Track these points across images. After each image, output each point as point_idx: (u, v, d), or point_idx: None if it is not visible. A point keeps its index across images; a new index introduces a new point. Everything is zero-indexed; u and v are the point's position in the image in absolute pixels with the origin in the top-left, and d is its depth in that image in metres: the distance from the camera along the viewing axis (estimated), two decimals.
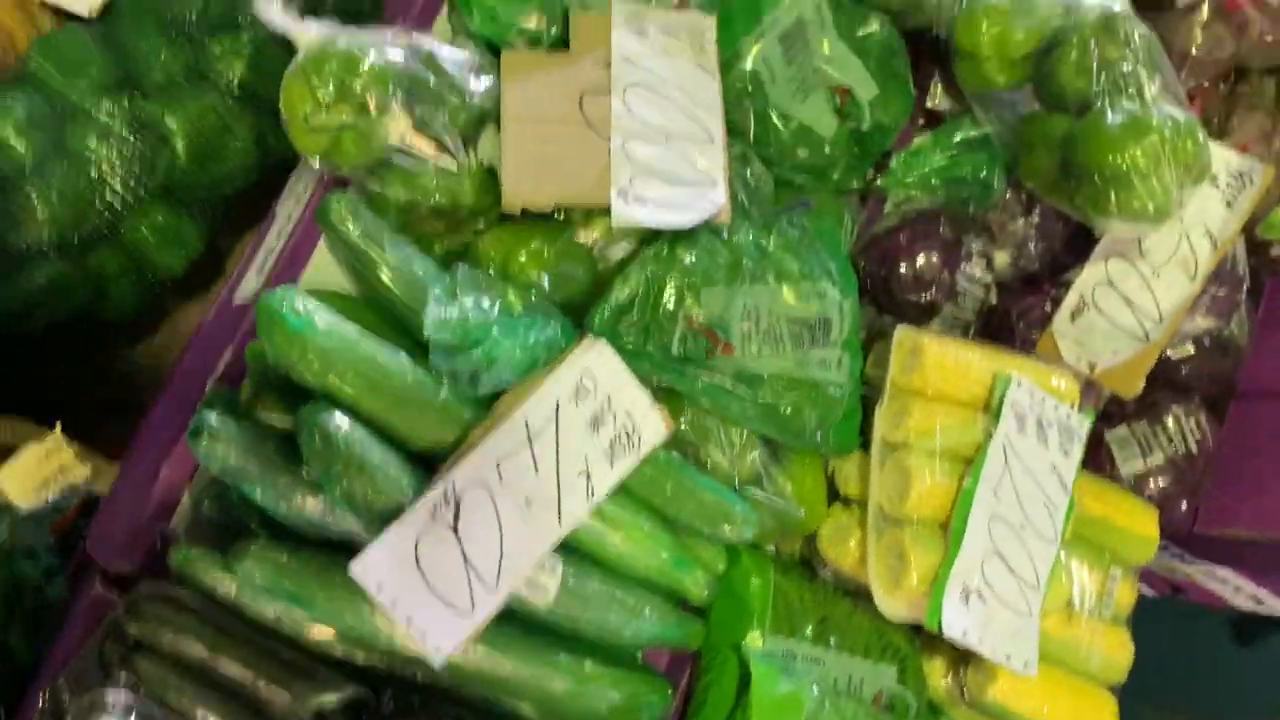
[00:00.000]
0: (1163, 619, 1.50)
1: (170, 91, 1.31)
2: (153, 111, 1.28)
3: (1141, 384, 1.23)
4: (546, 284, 1.01)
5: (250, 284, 1.08)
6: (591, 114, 1.03)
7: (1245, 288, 1.29)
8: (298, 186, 1.11)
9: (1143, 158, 1.08)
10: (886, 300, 1.23)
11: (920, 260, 1.21)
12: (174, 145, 1.30)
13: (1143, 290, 1.21)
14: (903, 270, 1.22)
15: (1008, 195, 1.27)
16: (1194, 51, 1.32)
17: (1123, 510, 1.25)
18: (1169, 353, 1.31)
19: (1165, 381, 1.40)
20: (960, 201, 1.28)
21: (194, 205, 1.35)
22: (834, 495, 1.17)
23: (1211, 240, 1.20)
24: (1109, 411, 1.38)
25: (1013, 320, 1.29)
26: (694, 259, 1.04)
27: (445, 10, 1.09)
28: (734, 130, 1.17)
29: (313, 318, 0.89)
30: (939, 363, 1.10)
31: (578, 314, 1.03)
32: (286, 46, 0.96)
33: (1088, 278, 1.23)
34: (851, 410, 1.12)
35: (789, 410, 1.07)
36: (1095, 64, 1.13)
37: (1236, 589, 1.43)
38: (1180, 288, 1.21)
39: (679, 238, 1.04)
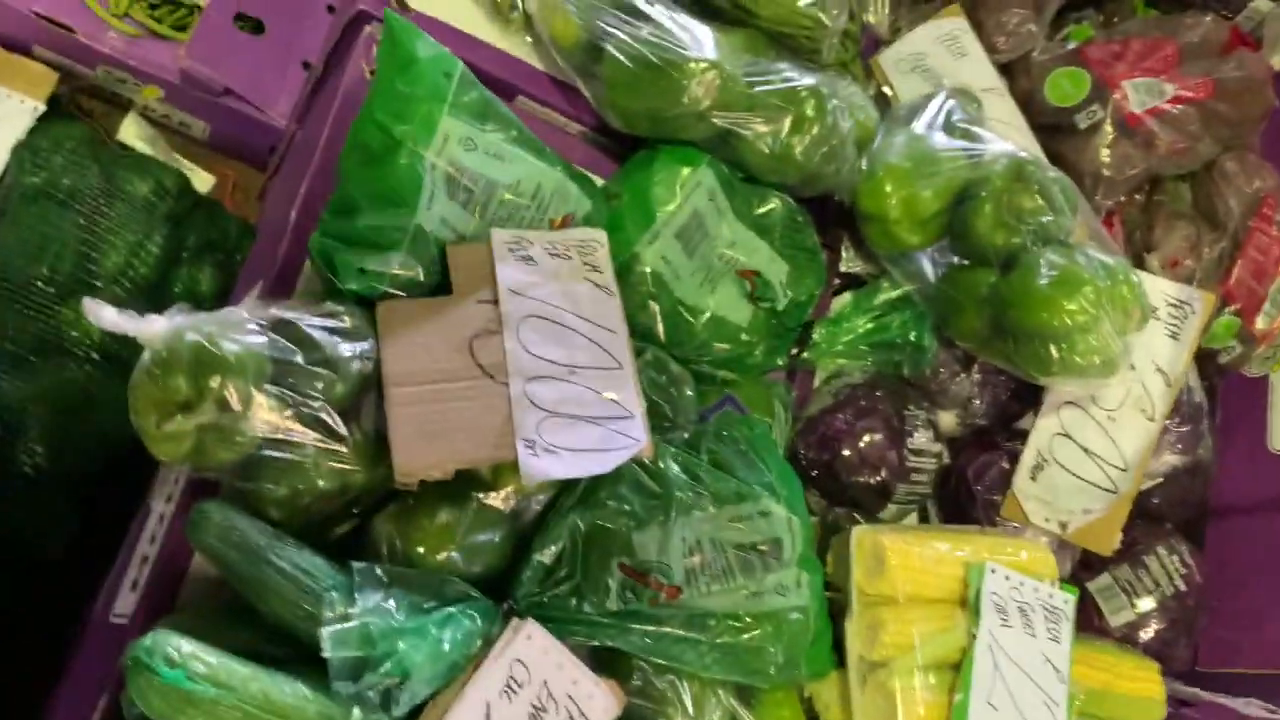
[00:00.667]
0: None
1: (22, 366, 1.19)
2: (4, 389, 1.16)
3: (1118, 539, 1.15)
4: (459, 561, 0.89)
5: (124, 601, 0.95)
6: (484, 359, 0.93)
7: (1207, 413, 1.22)
8: (169, 479, 0.99)
9: (1081, 313, 1.01)
10: (834, 488, 1.14)
11: (864, 441, 1.12)
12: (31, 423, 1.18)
13: (1102, 438, 1.13)
14: (846, 455, 1.12)
15: (941, 354, 1.19)
16: (1104, 173, 1.27)
17: (1123, 675, 1.15)
18: (1166, 464, 1.22)
19: (1137, 515, 1.32)
20: (893, 366, 1.20)
21: (63, 485, 1.22)
22: None
23: (1164, 376, 1.13)
24: (1087, 560, 1.29)
25: (970, 483, 1.20)
26: (620, 501, 0.93)
27: (308, 268, 0.99)
28: (644, 335, 1.09)
29: (190, 665, 0.76)
30: (905, 564, 1.00)
31: (500, 583, 0.91)
32: None
33: (1042, 431, 1.15)
34: (821, 631, 1.01)
35: (751, 648, 0.95)
36: (1012, 216, 1.07)
37: (1247, 702, 1.33)
38: (1141, 431, 1.13)
39: (599, 479, 0.94)
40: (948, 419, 1.21)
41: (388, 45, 0.97)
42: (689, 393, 1.08)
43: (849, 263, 1.21)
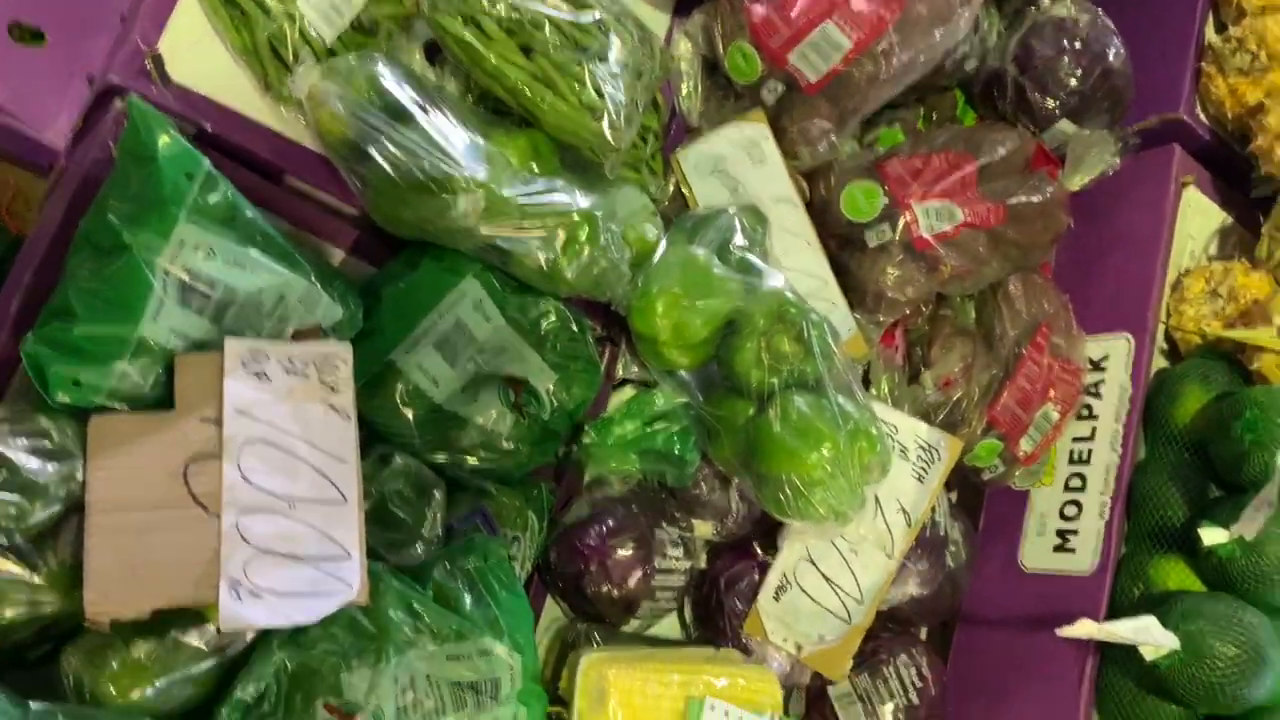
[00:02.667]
0: None
1: None
2: None
3: (848, 666, 1.19)
4: (152, 700, 0.87)
5: None
6: (199, 487, 0.90)
7: (951, 548, 1.27)
8: None
9: (817, 468, 1.03)
10: (579, 600, 1.15)
11: (612, 558, 1.13)
12: None
13: (843, 570, 1.16)
14: (594, 570, 1.13)
15: (704, 466, 1.20)
16: (887, 293, 1.29)
17: None
18: (904, 594, 1.26)
19: (888, 619, 1.37)
20: (658, 476, 1.20)
21: None
22: None
23: (906, 516, 1.16)
24: None
25: (721, 591, 1.23)
26: (331, 641, 0.92)
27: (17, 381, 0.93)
28: (399, 441, 1.07)
29: None
30: (627, 701, 1.02)
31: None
32: None
33: (788, 555, 1.18)
34: None
35: None
36: (770, 357, 1.07)
37: None
38: (878, 567, 1.16)
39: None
40: (704, 528, 1.23)
41: (131, 134, 0.92)
42: (436, 504, 1.07)
43: (626, 369, 1.20)
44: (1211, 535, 1.16)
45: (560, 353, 1.13)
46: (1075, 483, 1.37)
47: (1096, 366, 1.41)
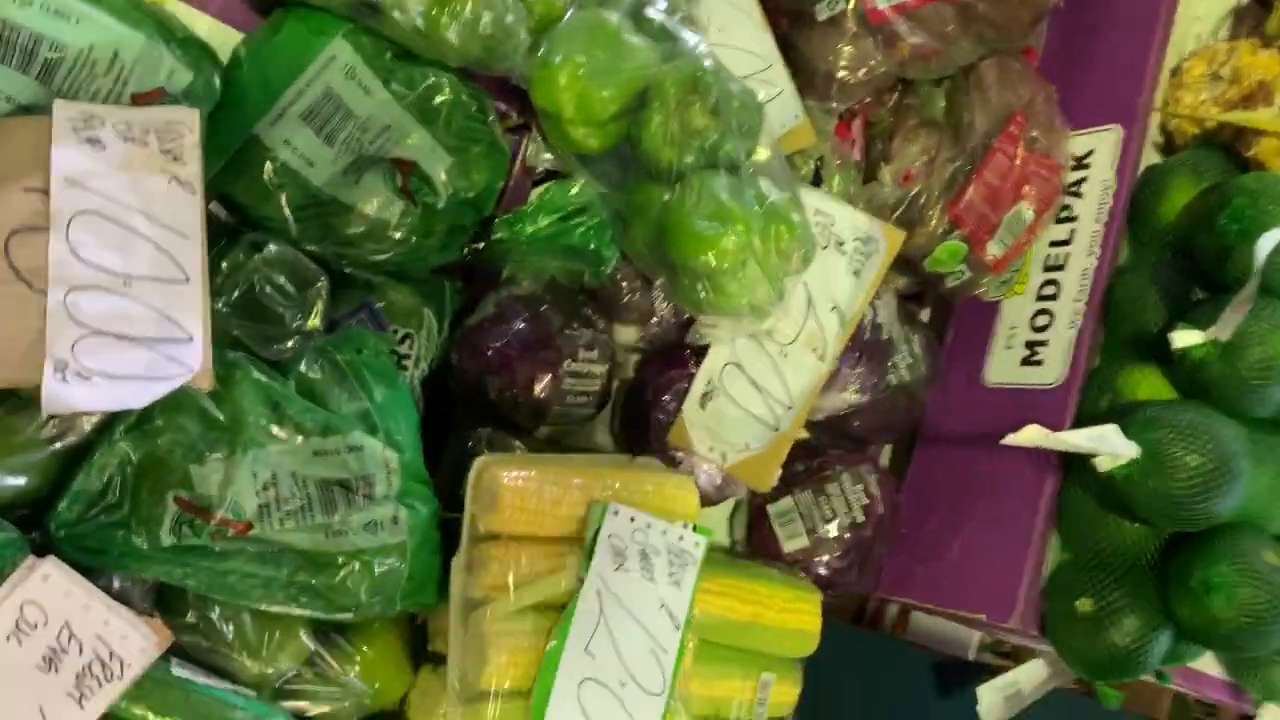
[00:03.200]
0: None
1: None
2: None
3: (775, 477, 1.10)
4: None
5: None
6: (23, 261, 0.81)
7: (905, 359, 1.16)
8: None
9: (728, 256, 0.92)
10: (484, 405, 1.06)
11: (518, 358, 1.04)
12: None
13: (771, 373, 1.07)
14: (498, 371, 1.04)
15: (623, 265, 1.09)
16: (839, 73, 1.15)
17: (773, 606, 1.13)
18: (842, 401, 1.16)
19: (840, 437, 1.28)
20: (575, 275, 1.10)
21: None
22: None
23: (839, 315, 1.05)
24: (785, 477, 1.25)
25: (648, 401, 1.14)
26: (177, 430, 0.85)
27: None
28: (275, 229, 0.97)
29: None
30: (520, 502, 0.94)
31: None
32: None
33: (714, 359, 1.08)
34: (422, 567, 0.95)
35: (332, 586, 0.90)
36: (682, 132, 0.96)
37: None
38: (809, 370, 1.06)
39: (157, 404, 0.85)
40: (628, 333, 1.13)
41: None
42: (316, 297, 0.98)
43: (536, 156, 1.09)
44: (1185, 337, 1.04)
45: (456, 133, 1.02)
46: (1049, 290, 1.25)
47: (1080, 163, 1.27)
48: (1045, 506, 1.16)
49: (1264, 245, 0.99)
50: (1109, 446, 1.01)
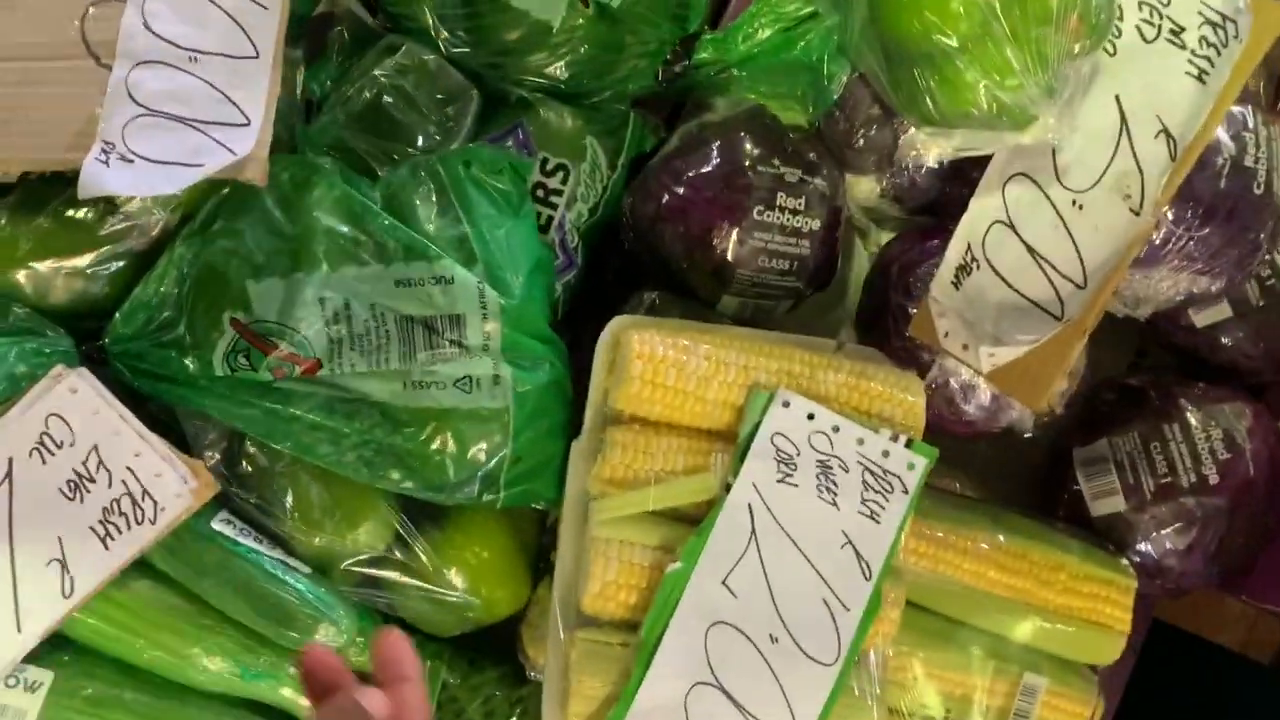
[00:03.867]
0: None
1: None
2: None
3: (1053, 392, 0.76)
4: (24, 287, 0.71)
5: None
6: (95, 34, 0.71)
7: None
8: None
9: (957, 20, 0.61)
10: (658, 265, 0.83)
11: (694, 202, 0.79)
12: None
13: (1056, 235, 0.72)
14: (669, 220, 0.80)
15: (856, 89, 0.81)
16: None
17: (1056, 584, 0.79)
18: (1177, 287, 0.78)
19: (1194, 360, 0.89)
20: (794, 105, 0.84)
21: None
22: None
23: (1170, 144, 0.68)
24: (1095, 413, 0.89)
25: (890, 282, 0.84)
26: (235, 237, 0.71)
27: None
28: (418, 34, 0.82)
29: None
30: (656, 376, 0.70)
31: None
32: None
33: (977, 216, 0.76)
34: (536, 447, 0.74)
35: (413, 453, 0.72)
36: None
37: None
38: (1117, 228, 0.70)
39: (222, 205, 0.72)
40: (865, 186, 0.84)
41: None
42: (460, 113, 0.81)
43: None
44: None
45: None
46: None
47: None
48: None
49: None
50: None
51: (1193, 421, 0.83)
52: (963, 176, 0.79)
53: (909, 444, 0.71)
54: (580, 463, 0.74)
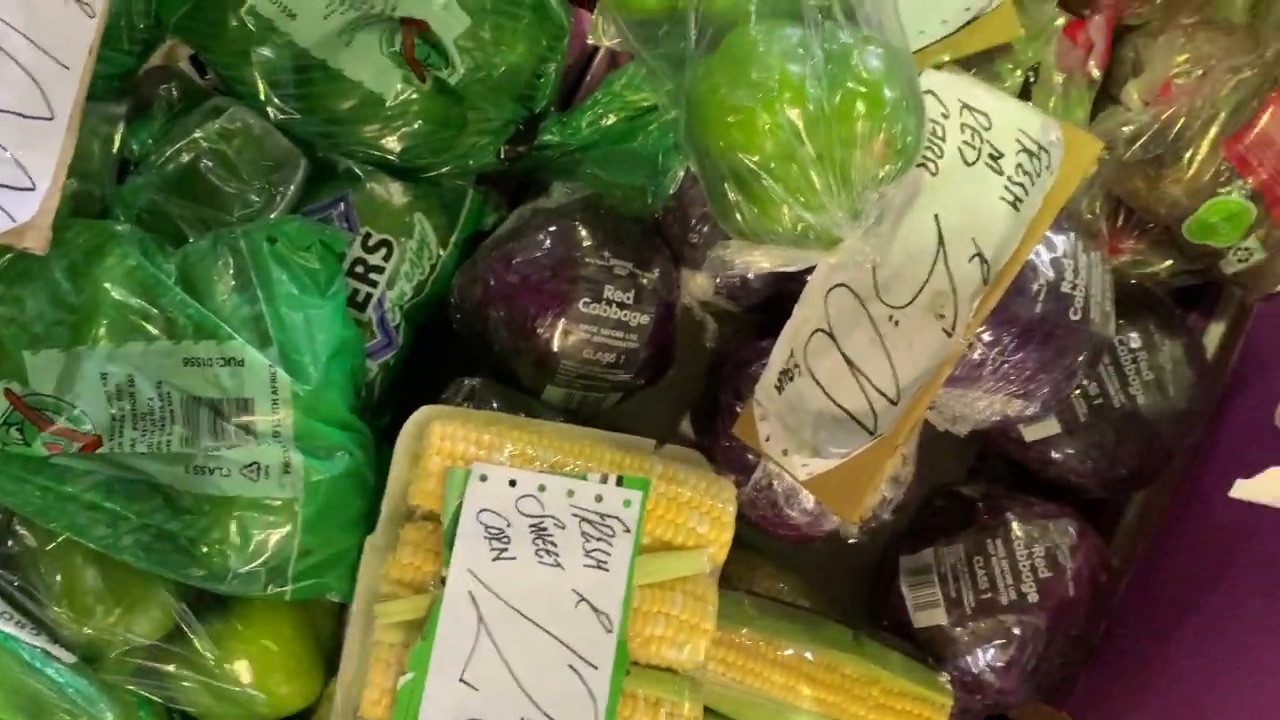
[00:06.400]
0: None
1: None
2: None
3: (866, 503, 0.74)
4: None
5: None
6: None
7: (1141, 369, 0.77)
8: None
9: (764, 139, 0.60)
10: (483, 351, 0.80)
11: (522, 288, 0.77)
12: None
13: (873, 349, 0.71)
14: (494, 304, 0.78)
15: (695, 184, 0.80)
16: None
17: (867, 699, 0.77)
18: (994, 409, 0.77)
19: (1028, 478, 0.89)
20: (633, 196, 0.82)
21: None
22: None
23: (984, 267, 0.68)
24: (925, 521, 0.89)
25: (722, 377, 0.83)
26: (16, 305, 0.67)
27: None
28: (248, 97, 0.79)
29: None
30: (439, 472, 0.68)
31: None
32: None
33: (801, 322, 0.75)
34: (329, 539, 0.71)
35: (197, 540, 0.68)
36: None
37: None
38: (930, 346, 0.70)
39: (11, 267, 0.68)
40: (701, 282, 0.83)
41: None
42: (286, 181, 0.78)
43: (599, 31, 0.82)
44: None
45: None
46: None
47: None
48: None
49: None
50: None
51: (1016, 537, 0.82)
52: (795, 278, 0.78)
53: (620, 481, 0.69)
54: (373, 558, 0.71)
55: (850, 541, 0.83)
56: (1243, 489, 0.58)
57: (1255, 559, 0.79)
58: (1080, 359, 0.73)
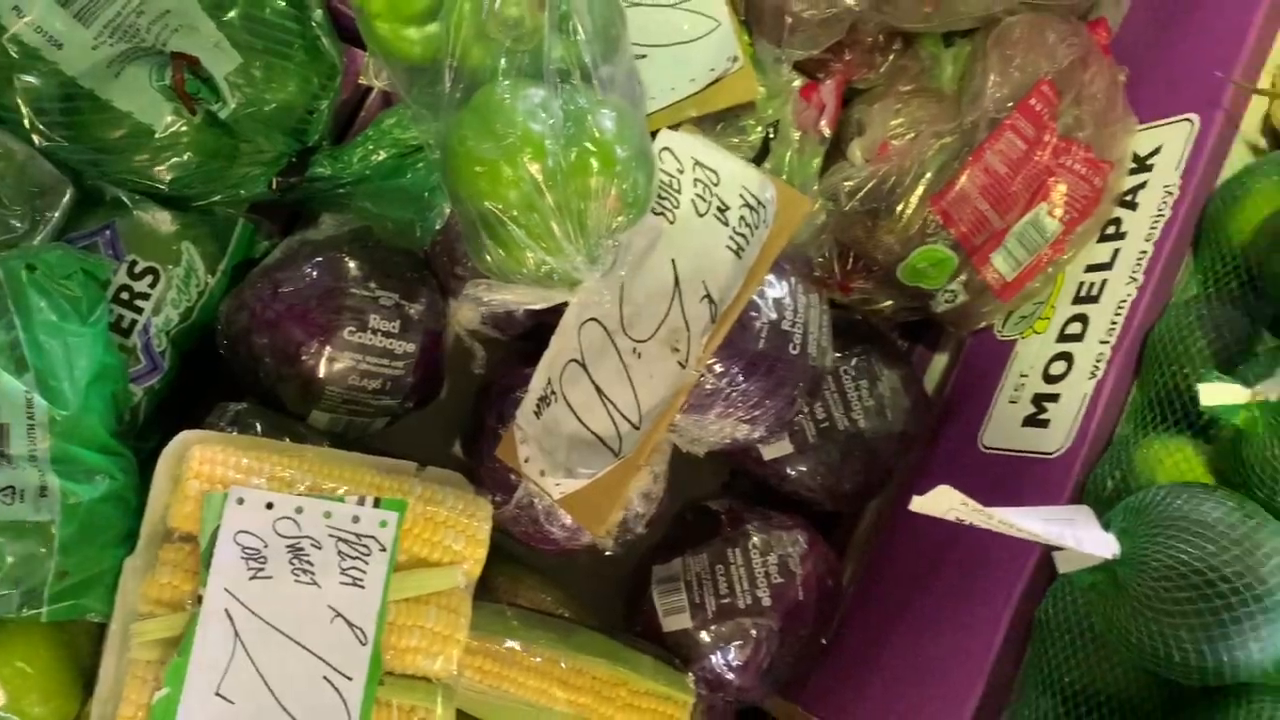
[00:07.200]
0: None
1: None
2: None
3: (610, 519, 0.81)
4: None
5: None
6: None
7: (850, 380, 0.86)
8: None
9: (508, 189, 0.66)
10: (251, 378, 0.83)
11: (287, 316, 0.81)
12: None
13: (619, 377, 0.79)
14: (260, 332, 0.81)
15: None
16: (793, 6, 0.87)
17: (615, 699, 0.84)
18: (726, 432, 0.85)
19: (768, 493, 0.98)
20: (403, 229, 0.87)
21: None
22: None
23: (711, 307, 0.76)
24: (676, 534, 0.97)
25: (489, 402, 0.88)
26: None
27: None
28: (12, 124, 0.79)
29: None
30: (197, 495, 0.70)
31: None
32: None
33: (556, 352, 0.81)
34: (88, 561, 0.72)
35: None
36: (493, 24, 0.71)
37: None
38: (667, 377, 0.77)
39: None
40: (468, 312, 0.88)
41: None
42: (51, 208, 0.79)
43: (369, 75, 0.86)
44: (1219, 393, 0.70)
45: (255, 28, 0.81)
46: (1074, 329, 0.91)
47: (1142, 165, 0.93)
48: (1008, 623, 0.81)
49: None
50: (1071, 536, 0.67)
51: (754, 546, 0.91)
52: (555, 310, 0.84)
53: (377, 503, 0.73)
54: (131, 579, 0.72)
55: (608, 554, 0.90)
56: (917, 504, 0.67)
57: (957, 566, 0.90)
58: (799, 388, 0.82)
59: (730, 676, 0.90)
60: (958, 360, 1.05)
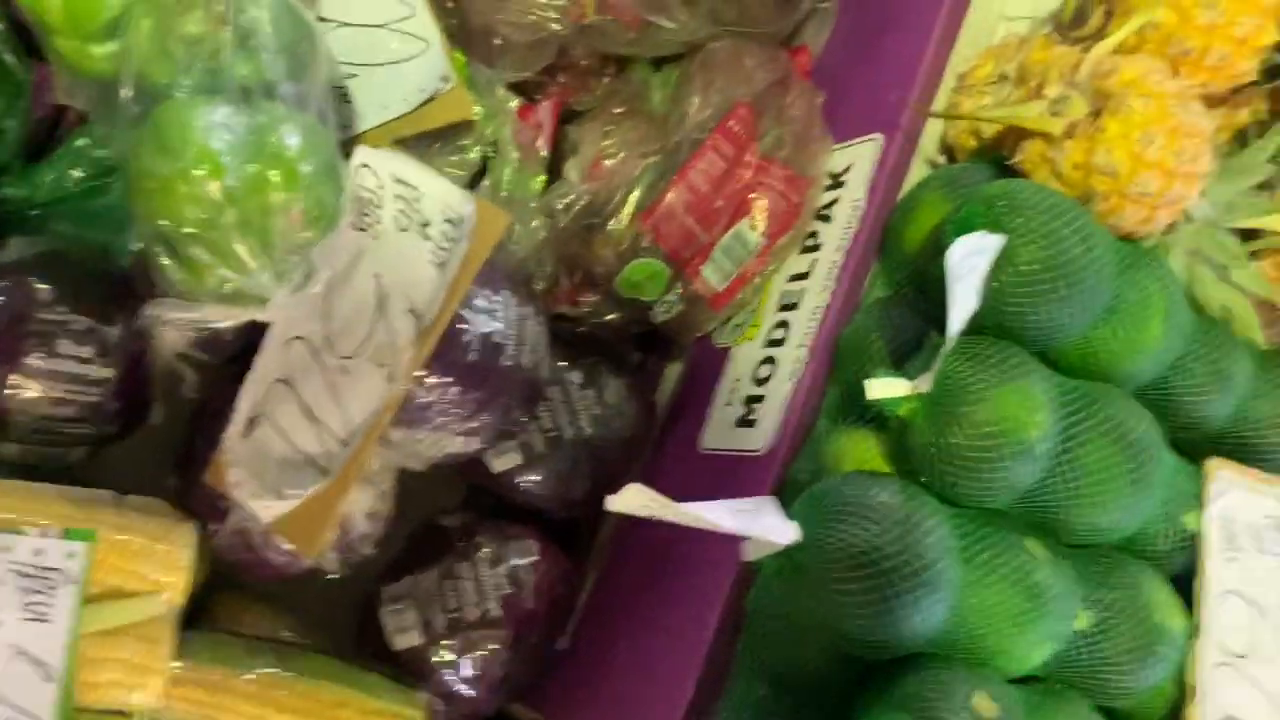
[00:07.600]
0: None
1: None
2: None
3: (322, 540, 0.81)
4: None
5: None
6: None
7: (584, 407, 0.89)
8: None
9: (186, 206, 0.65)
10: None
11: None
12: None
13: (326, 396, 0.78)
14: None
15: None
16: (503, 30, 0.90)
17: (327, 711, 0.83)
18: (442, 446, 0.86)
19: (506, 503, 0.99)
20: (100, 252, 0.84)
21: None
22: None
23: (416, 321, 0.77)
24: (407, 552, 0.97)
25: (199, 428, 0.86)
26: None
27: None
28: None
29: None
30: None
31: None
32: None
33: (263, 372, 0.80)
34: None
35: None
36: (174, 42, 0.70)
37: None
38: (374, 393, 0.78)
39: None
40: (174, 336, 0.85)
41: None
42: None
43: (60, 93, 0.83)
44: (882, 387, 0.76)
45: None
46: (778, 334, 0.97)
47: (836, 182, 1.00)
48: (720, 613, 0.86)
49: (956, 254, 0.71)
50: (757, 526, 0.72)
51: (483, 559, 0.93)
52: (263, 330, 0.83)
53: (65, 534, 0.71)
54: None
55: (332, 576, 0.89)
56: (612, 503, 0.70)
57: (678, 564, 0.94)
58: (515, 398, 0.84)
59: (463, 689, 0.91)
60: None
